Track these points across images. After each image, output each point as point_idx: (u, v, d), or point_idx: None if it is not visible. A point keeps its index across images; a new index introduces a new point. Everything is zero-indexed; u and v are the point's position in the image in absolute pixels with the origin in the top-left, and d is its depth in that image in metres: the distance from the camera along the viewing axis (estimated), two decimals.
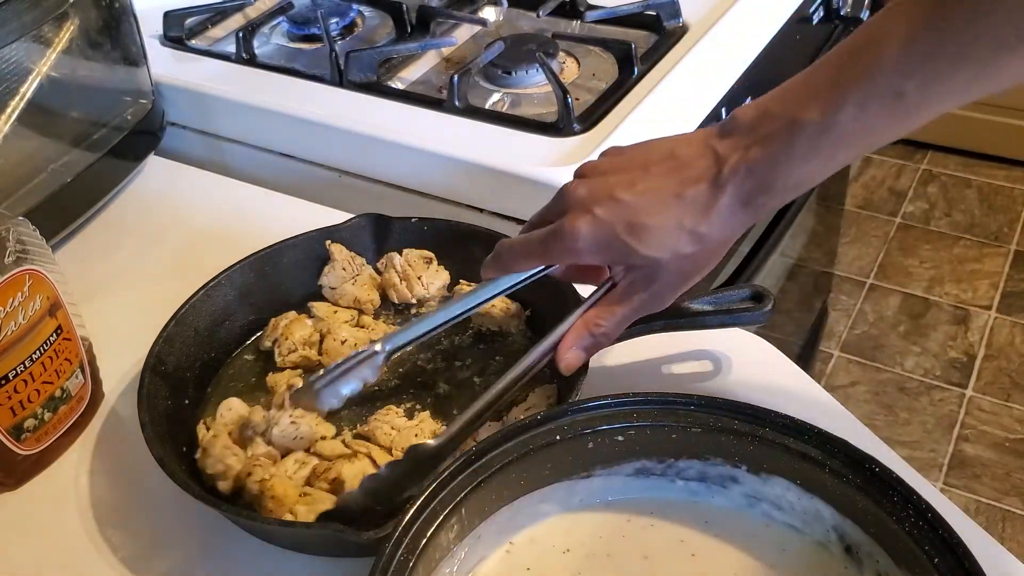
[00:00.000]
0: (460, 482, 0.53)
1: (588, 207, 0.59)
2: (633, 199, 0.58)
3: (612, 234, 0.59)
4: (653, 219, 0.58)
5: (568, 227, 0.60)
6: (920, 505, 0.50)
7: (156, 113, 1.00)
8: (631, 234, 0.58)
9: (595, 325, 0.64)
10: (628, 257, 0.60)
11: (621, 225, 0.58)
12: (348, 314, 0.78)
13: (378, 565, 0.49)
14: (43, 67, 0.86)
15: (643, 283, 0.62)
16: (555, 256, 0.63)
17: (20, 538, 0.67)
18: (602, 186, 0.60)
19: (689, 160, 0.58)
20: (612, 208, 0.59)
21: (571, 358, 0.64)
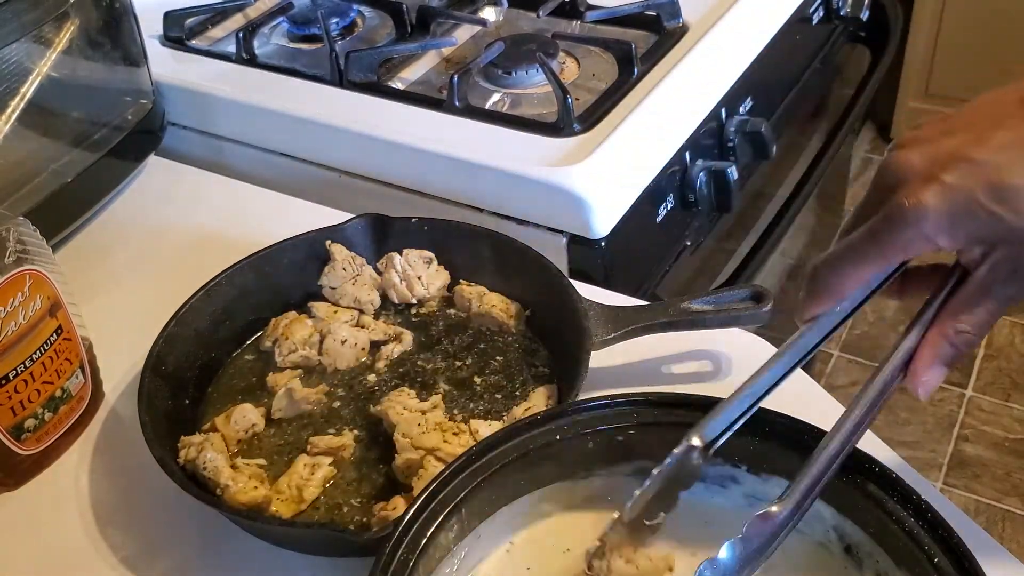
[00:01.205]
0: (460, 482, 0.53)
1: (931, 174, 0.46)
2: (992, 156, 0.46)
3: (973, 203, 0.45)
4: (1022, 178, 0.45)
5: (911, 204, 0.46)
6: (920, 505, 0.50)
7: (156, 113, 1.00)
8: (997, 199, 0.45)
9: (955, 331, 0.50)
10: (993, 231, 0.46)
11: (982, 190, 0.45)
12: (348, 314, 0.78)
13: (378, 565, 0.49)
14: (43, 67, 0.86)
15: (1012, 264, 0.49)
16: (895, 249, 0.48)
17: (20, 538, 0.67)
18: (942, 148, 0.47)
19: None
20: (965, 170, 0.46)
21: (932, 378, 0.51)
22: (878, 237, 0.48)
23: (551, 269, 0.75)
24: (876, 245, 0.49)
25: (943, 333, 0.50)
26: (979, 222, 0.46)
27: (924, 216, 0.46)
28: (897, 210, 0.47)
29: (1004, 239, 0.47)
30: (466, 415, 0.71)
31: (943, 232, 0.47)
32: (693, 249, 1.06)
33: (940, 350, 0.50)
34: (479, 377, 0.74)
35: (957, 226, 0.46)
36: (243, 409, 0.70)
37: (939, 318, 0.51)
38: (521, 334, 0.77)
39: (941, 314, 0.51)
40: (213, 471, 0.63)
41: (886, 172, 0.49)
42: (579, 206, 0.86)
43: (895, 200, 0.47)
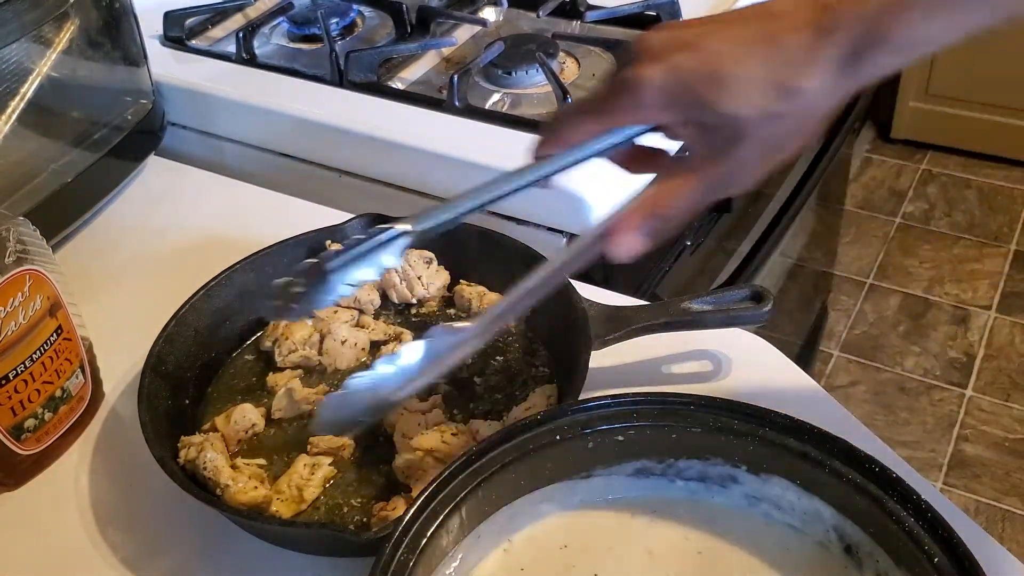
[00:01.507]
0: (460, 482, 0.53)
1: (663, 54, 0.50)
2: (717, 46, 0.49)
3: (687, 85, 0.49)
4: (738, 67, 0.48)
5: (636, 74, 0.50)
6: (920, 505, 0.50)
7: (156, 113, 1.00)
8: (711, 85, 0.49)
9: (660, 205, 0.53)
10: (704, 113, 0.50)
11: (700, 75, 0.49)
12: (348, 314, 0.78)
13: (378, 565, 0.49)
14: (43, 67, 0.86)
15: (721, 151, 0.51)
16: (619, 111, 0.52)
17: (20, 538, 0.67)
18: (679, 34, 0.51)
19: (788, 11, 0.49)
20: (691, 55, 0.49)
21: (630, 243, 0.53)
22: (606, 98, 0.52)
23: None
24: (604, 103, 0.53)
25: (650, 204, 0.53)
26: (691, 102, 0.49)
27: (642, 87, 0.50)
28: (625, 78, 0.51)
29: (712, 122, 0.50)
30: (466, 415, 0.71)
31: (657, 105, 0.50)
32: (693, 249, 1.05)
33: (644, 221, 0.53)
34: (479, 377, 0.74)
35: (670, 102, 0.50)
36: (243, 409, 0.70)
37: (648, 190, 0.53)
38: (521, 334, 0.77)
39: (653, 187, 0.53)
40: (213, 471, 0.63)
41: (632, 47, 0.52)
42: (579, 206, 0.86)
43: (628, 68, 0.51)
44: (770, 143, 0.51)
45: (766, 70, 0.48)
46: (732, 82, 0.49)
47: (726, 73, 0.49)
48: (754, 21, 0.50)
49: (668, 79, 0.50)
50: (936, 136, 2.63)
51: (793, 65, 0.48)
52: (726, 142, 0.50)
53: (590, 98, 0.54)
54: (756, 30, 0.49)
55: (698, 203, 0.53)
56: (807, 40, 0.48)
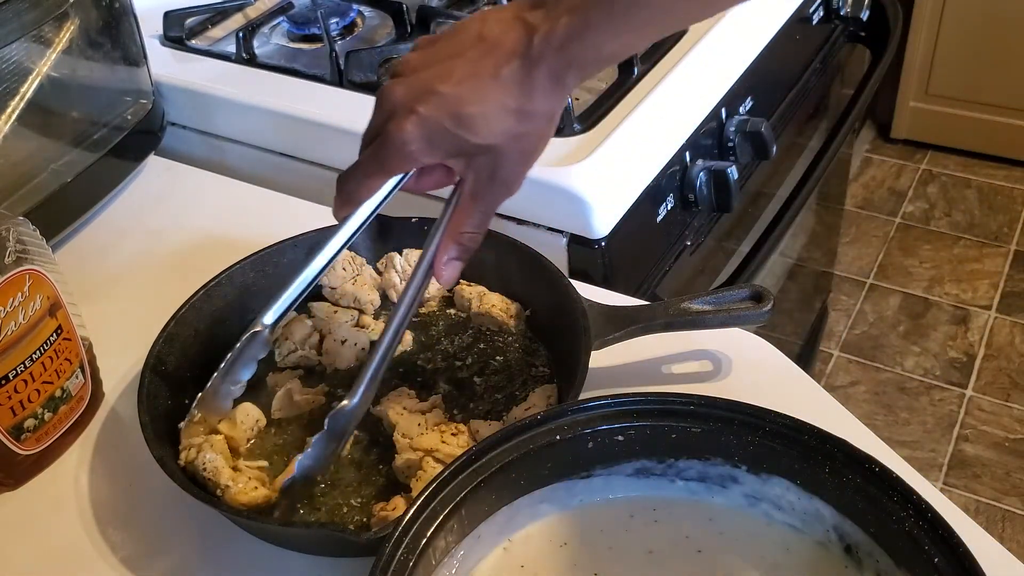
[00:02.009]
0: (460, 482, 0.53)
1: (410, 107, 0.58)
2: (452, 90, 0.57)
3: (440, 129, 0.58)
4: (477, 106, 0.57)
5: (395, 132, 0.58)
6: (920, 505, 0.50)
7: (156, 113, 1.00)
8: (459, 125, 0.57)
9: (460, 233, 0.63)
10: (462, 148, 0.59)
11: (447, 118, 0.57)
12: (348, 314, 0.78)
13: (378, 565, 0.49)
14: (43, 67, 0.86)
15: (488, 174, 0.61)
16: (392, 166, 0.61)
17: (20, 538, 0.67)
18: (418, 82, 0.59)
19: (499, 38, 0.57)
20: (434, 102, 0.57)
21: (449, 271, 0.64)
22: (378, 157, 0.61)
23: (551, 269, 0.75)
24: (377, 163, 0.61)
25: (452, 236, 0.63)
26: (449, 142, 0.58)
27: (406, 141, 0.58)
28: (387, 137, 0.59)
29: (472, 152, 0.59)
30: (466, 415, 0.71)
31: (424, 152, 0.59)
32: (693, 249, 1.05)
33: (452, 250, 0.63)
34: (479, 377, 0.74)
35: (434, 146, 0.59)
36: (245, 408, 0.70)
37: (449, 224, 0.64)
38: (521, 334, 0.77)
39: (450, 221, 0.64)
40: (213, 472, 0.63)
41: (379, 102, 0.61)
42: (579, 206, 0.86)
43: (386, 128, 0.59)
44: (523, 154, 0.61)
45: (498, 103, 0.57)
46: (477, 118, 0.57)
47: (468, 113, 0.57)
48: (472, 55, 0.58)
49: (424, 128, 0.58)
50: (936, 136, 2.63)
51: (517, 93, 0.57)
52: (490, 166, 0.60)
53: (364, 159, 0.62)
54: (477, 66, 0.57)
55: (488, 219, 0.64)
56: (520, 70, 0.57)
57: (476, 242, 0.64)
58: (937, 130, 2.61)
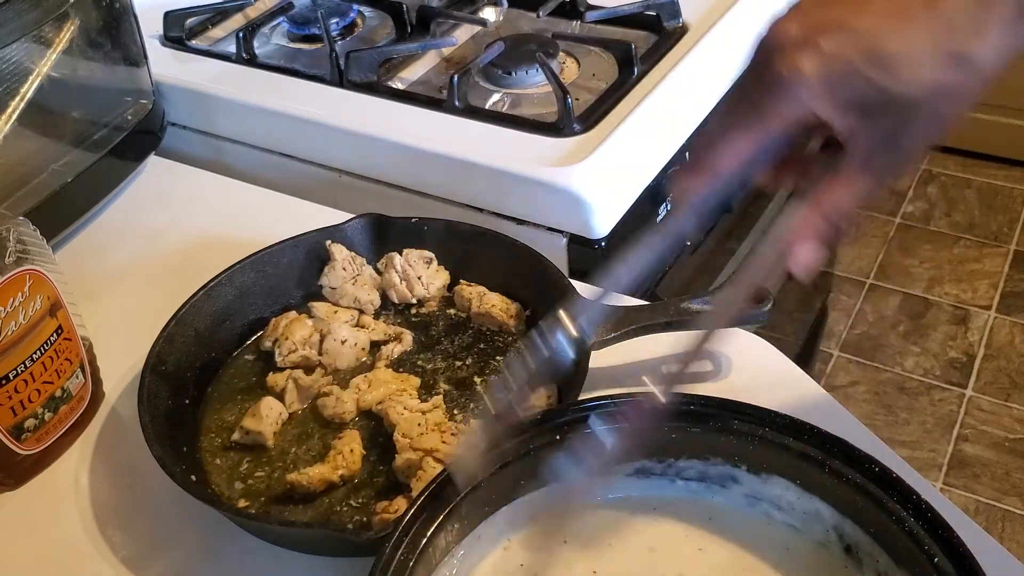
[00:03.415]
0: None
1: (809, 41, 0.45)
2: (872, 23, 0.45)
3: (849, 68, 0.45)
4: (902, 43, 0.44)
5: (788, 69, 0.46)
6: (920, 505, 0.50)
7: (156, 113, 1.00)
8: (876, 66, 0.45)
9: (834, 208, 0.49)
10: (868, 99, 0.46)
11: (860, 56, 0.45)
12: (348, 314, 0.78)
13: (378, 565, 0.49)
14: (43, 67, 0.86)
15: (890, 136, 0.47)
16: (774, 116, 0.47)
17: (20, 538, 0.67)
18: (821, 15, 0.46)
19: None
20: (843, 37, 0.45)
21: (807, 256, 0.49)
22: (757, 104, 0.47)
23: (551, 269, 0.75)
24: (755, 111, 0.48)
25: (822, 210, 0.49)
26: (855, 88, 0.45)
27: (801, 81, 0.45)
28: (775, 76, 0.46)
29: (880, 106, 0.46)
30: (466, 415, 0.71)
31: (820, 97, 0.46)
32: (693, 249, 1.05)
33: (817, 229, 0.49)
34: (479, 377, 0.74)
35: (834, 92, 0.46)
36: (268, 402, 0.71)
37: (816, 195, 0.49)
38: (521, 334, 0.77)
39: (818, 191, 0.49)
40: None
41: (765, 43, 0.48)
42: (579, 206, 0.86)
43: (773, 68, 0.46)
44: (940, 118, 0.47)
45: (932, 40, 0.45)
46: (898, 59, 0.44)
47: (890, 50, 0.45)
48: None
49: (826, 67, 0.45)
50: None
51: (960, 31, 0.44)
52: (894, 124, 0.47)
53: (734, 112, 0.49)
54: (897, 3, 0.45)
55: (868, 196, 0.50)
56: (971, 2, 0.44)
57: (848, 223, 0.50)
58: None
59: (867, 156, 0.48)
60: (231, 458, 0.69)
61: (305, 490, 0.65)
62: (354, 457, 0.67)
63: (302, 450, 0.70)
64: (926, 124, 0.47)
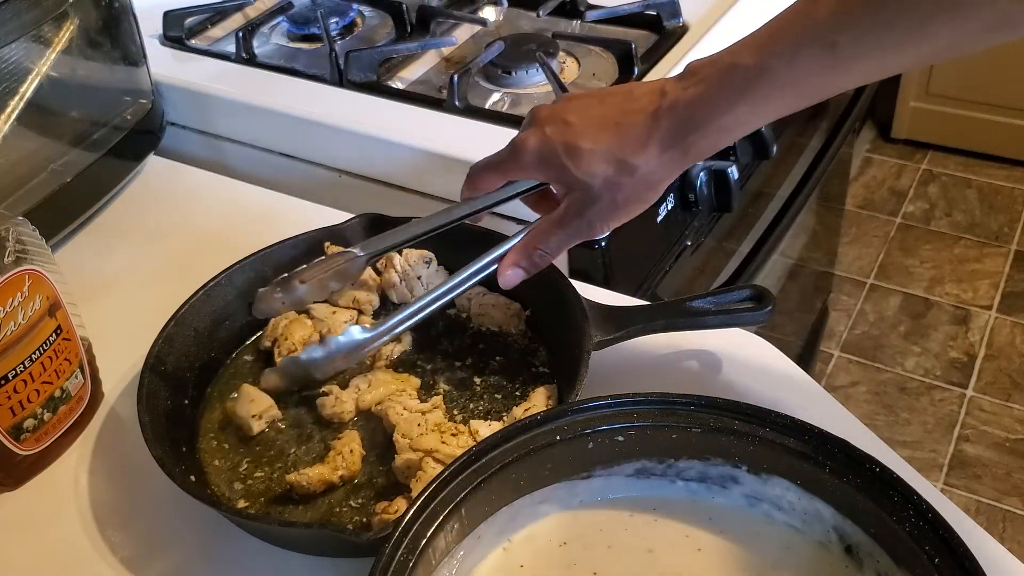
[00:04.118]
0: (460, 483, 0.53)
1: (542, 125, 0.63)
2: (579, 122, 0.62)
3: (553, 152, 0.62)
4: (589, 143, 0.61)
5: (520, 141, 0.64)
6: (920, 505, 0.50)
7: (156, 113, 1.00)
8: (568, 154, 0.62)
9: (534, 247, 0.67)
10: (564, 176, 0.63)
11: (562, 145, 0.62)
12: (347, 314, 0.78)
13: (378, 565, 0.49)
14: (43, 67, 0.86)
15: (578, 207, 0.64)
16: (508, 169, 0.66)
17: (20, 538, 0.67)
18: (560, 110, 0.64)
19: (639, 97, 0.61)
20: (560, 128, 0.62)
21: (510, 276, 0.68)
22: (502, 157, 0.66)
23: (551, 269, 0.75)
24: (500, 163, 0.67)
25: (527, 246, 0.68)
26: (555, 167, 0.63)
27: (524, 152, 0.64)
28: (513, 143, 0.65)
29: (572, 184, 0.63)
30: (466, 415, 0.71)
31: (534, 167, 0.64)
32: (693, 249, 1.05)
33: (521, 258, 0.68)
34: (479, 377, 0.74)
35: (542, 166, 0.64)
36: (247, 390, 0.71)
37: (529, 234, 0.68)
38: (521, 334, 0.77)
39: (532, 231, 0.68)
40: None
41: (529, 115, 0.66)
42: None
43: (518, 135, 0.65)
44: (614, 204, 0.63)
45: (609, 147, 0.60)
46: (583, 154, 0.61)
47: (579, 146, 0.61)
48: (615, 102, 0.62)
49: (539, 146, 0.63)
50: (936, 136, 2.63)
51: (630, 144, 0.60)
52: (583, 199, 0.63)
53: (495, 155, 0.67)
54: (612, 111, 0.61)
55: (562, 245, 0.67)
56: (643, 124, 0.60)
57: (544, 262, 0.68)
58: (937, 130, 2.61)
59: (564, 218, 0.65)
60: (231, 459, 0.69)
61: (305, 490, 0.65)
62: (354, 457, 0.67)
63: (302, 450, 0.70)
64: (603, 206, 0.63)
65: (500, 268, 0.68)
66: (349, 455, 0.66)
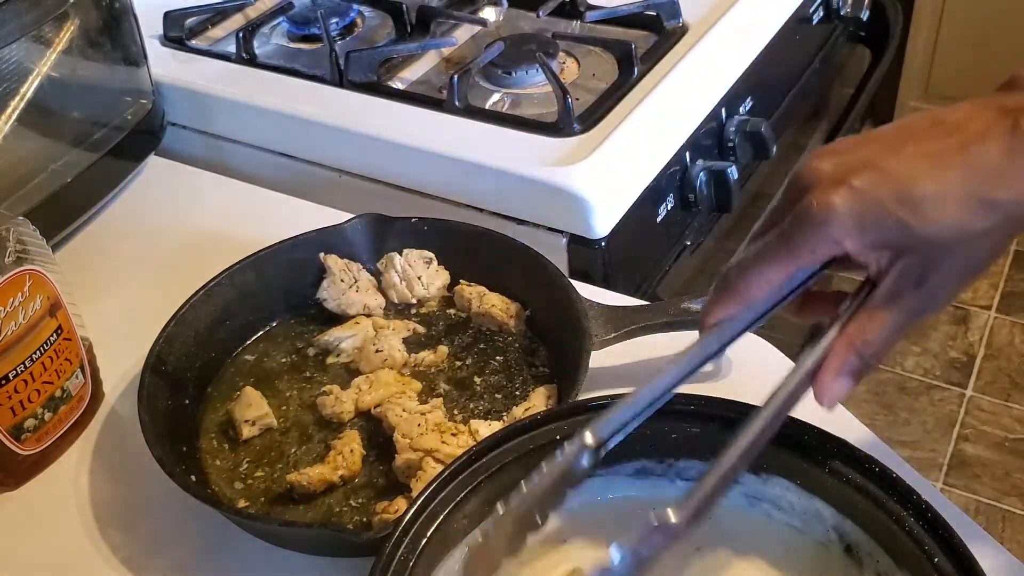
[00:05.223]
0: (460, 482, 0.53)
1: (841, 179, 0.46)
2: (902, 165, 0.46)
3: (879, 207, 0.46)
4: (932, 186, 0.45)
5: (819, 205, 0.46)
6: (920, 505, 0.50)
7: (156, 113, 1.00)
8: (905, 206, 0.45)
9: (862, 343, 0.50)
10: (897, 239, 0.46)
11: (890, 196, 0.45)
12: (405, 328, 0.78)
13: (378, 565, 0.49)
14: (43, 67, 0.86)
15: (916, 277, 0.48)
16: (804, 251, 0.48)
17: (20, 538, 0.67)
18: (853, 158, 0.47)
19: (964, 121, 0.46)
20: (874, 177, 0.46)
21: (836, 389, 0.50)
22: (788, 237, 0.48)
23: (551, 269, 0.75)
24: (785, 246, 0.49)
25: (850, 344, 0.50)
26: (885, 227, 0.46)
27: (832, 217, 0.46)
28: (806, 211, 0.47)
29: (909, 245, 0.47)
30: (466, 415, 0.71)
31: (850, 234, 0.47)
32: (693, 249, 1.05)
33: (847, 361, 0.50)
34: (479, 377, 0.74)
35: (864, 229, 0.46)
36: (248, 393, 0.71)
37: (846, 329, 0.50)
38: (521, 334, 0.77)
39: (849, 325, 0.50)
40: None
41: (798, 179, 0.49)
42: (579, 206, 0.86)
43: (805, 202, 0.47)
44: (969, 262, 0.48)
45: (963, 184, 0.45)
46: (928, 201, 0.45)
47: (920, 192, 0.45)
48: (932, 134, 0.47)
49: (857, 205, 0.46)
50: None
51: (990, 177, 0.45)
52: (923, 266, 0.48)
53: (766, 243, 0.50)
54: (939, 144, 0.46)
55: (898, 334, 0.50)
56: (999, 149, 0.45)
57: (878, 359, 0.50)
58: None
59: (896, 295, 0.49)
60: (231, 458, 0.69)
61: (305, 490, 0.65)
62: (354, 457, 0.67)
63: (302, 450, 0.70)
64: (957, 265, 0.47)
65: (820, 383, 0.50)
66: (349, 455, 0.66)
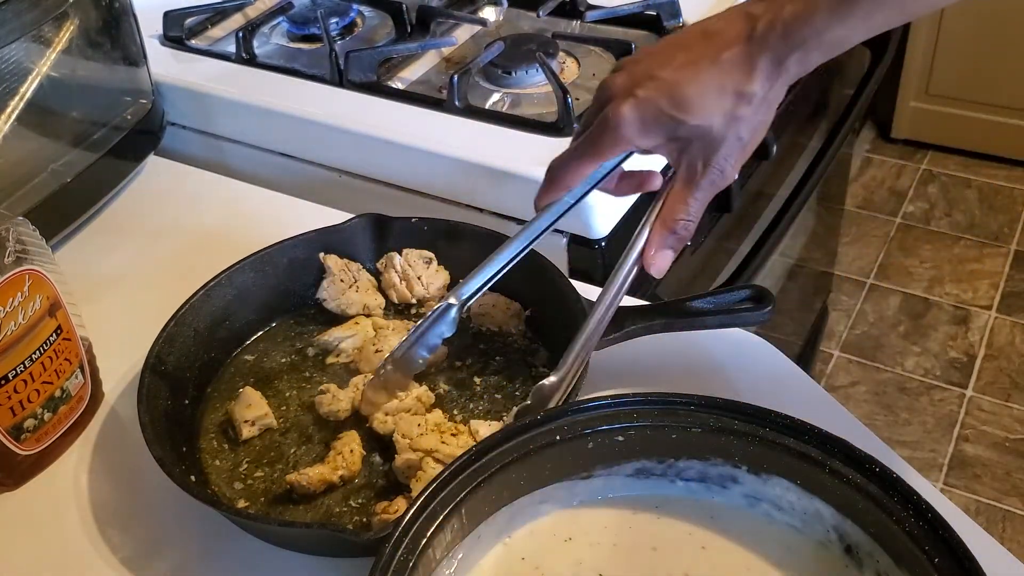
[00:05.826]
0: (460, 482, 0.53)
1: (629, 91, 0.60)
2: (672, 74, 0.59)
3: (657, 111, 0.59)
4: (694, 87, 0.58)
5: (612, 114, 0.60)
6: (920, 505, 0.50)
7: (156, 113, 1.00)
8: (676, 106, 0.59)
9: (673, 220, 0.63)
10: (677, 131, 0.60)
11: (664, 100, 0.59)
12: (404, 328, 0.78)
13: (378, 565, 0.49)
14: (43, 67, 0.86)
15: (703, 159, 0.61)
16: (606, 149, 0.62)
17: (20, 538, 0.67)
18: (639, 69, 0.60)
19: (722, 29, 0.59)
20: (653, 86, 0.59)
21: (660, 260, 0.64)
22: (592, 140, 0.62)
23: (551, 269, 0.75)
24: (591, 146, 0.62)
25: (663, 222, 0.63)
26: (665, 125, 0.60)
27: (622, 123, 0.60)
28: (604, 119, 0.61)
29: (688, 136, 0.60)
30: (466, 415, 0.71)
31: (639, 134, 0.60)
32: (693, 249, 1.05)
33: (665, 238, 0.63)
34: (479, 377, 0.74)
35: (649, 128, 0.60)
36: (248, 393, 0.71)
37: (661, 212, 0.63)
38: (521, 334, 0.77)
39: (662, 208, 0.63)
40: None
41: (600, 91, 0.63)
42: (579, 206, 0.86)
43: (603, 113, 0.61)
44: (738, 140, 0.60)
45: (717, 83, 0.58)
46: (693, 99, 0.58)
47: (685, 94, 0.58)
48: (695, 45, 0.59)
49: (640, 110, 0.59)
50: (936, 136, 2.63)
51: (737, 75, 0.58)
52: (705, 148, 0.60)
53: (579, 143, 0.63)
54: (699, 53, 0.59)
55: (700, 206, 0.63)
56: (741, 53, 0.58)
57: (689, 231, 0.64)
58: (937, 130, 2.61)
59: (690, 176, 0.62)
60: (231, 458, 0.69)
61: (305, 490, 0.65)
62: (354, 458, 0.67)
63: (302, 451, 0.70)
64: (727, 145, 0.60)
65: (646, 258, 0.64)
66: (349, 455, 0.66)
